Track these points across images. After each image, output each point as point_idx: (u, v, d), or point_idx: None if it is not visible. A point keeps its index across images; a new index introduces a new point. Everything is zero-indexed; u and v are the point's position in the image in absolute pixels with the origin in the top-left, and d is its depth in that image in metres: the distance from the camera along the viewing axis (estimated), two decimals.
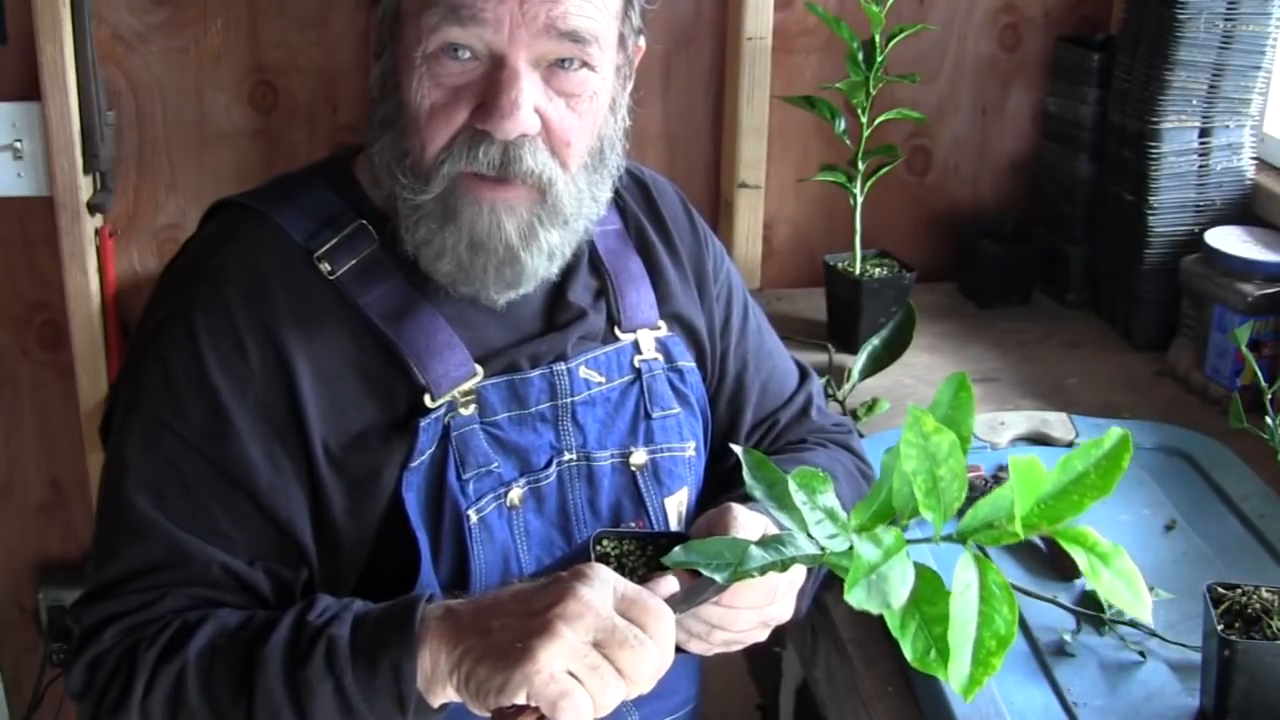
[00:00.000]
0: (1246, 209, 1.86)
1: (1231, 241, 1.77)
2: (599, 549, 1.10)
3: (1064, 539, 0.74)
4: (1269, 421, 1.19)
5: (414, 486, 1.11)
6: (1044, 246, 2.09)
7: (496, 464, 1.15)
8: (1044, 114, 2.12)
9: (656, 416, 1.24)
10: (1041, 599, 1.30)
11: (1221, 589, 1.16)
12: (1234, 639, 1.10)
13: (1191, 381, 1.79)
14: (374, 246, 1.15)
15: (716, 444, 1.32)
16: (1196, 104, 1.82)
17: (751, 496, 0.94)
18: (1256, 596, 1.15)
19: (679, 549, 0.91)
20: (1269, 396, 1.21)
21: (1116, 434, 0.73)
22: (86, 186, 1.87)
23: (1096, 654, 1.24)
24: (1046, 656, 1.23)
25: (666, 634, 0.97)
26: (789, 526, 0.85)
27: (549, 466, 1.18)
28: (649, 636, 0.95)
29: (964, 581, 0.72)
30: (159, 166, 1.96)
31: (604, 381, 1.22)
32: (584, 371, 1.20)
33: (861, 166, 1.88)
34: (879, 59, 1.82)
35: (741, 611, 1.08)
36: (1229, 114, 1.83)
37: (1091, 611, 1.27)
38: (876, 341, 1.82)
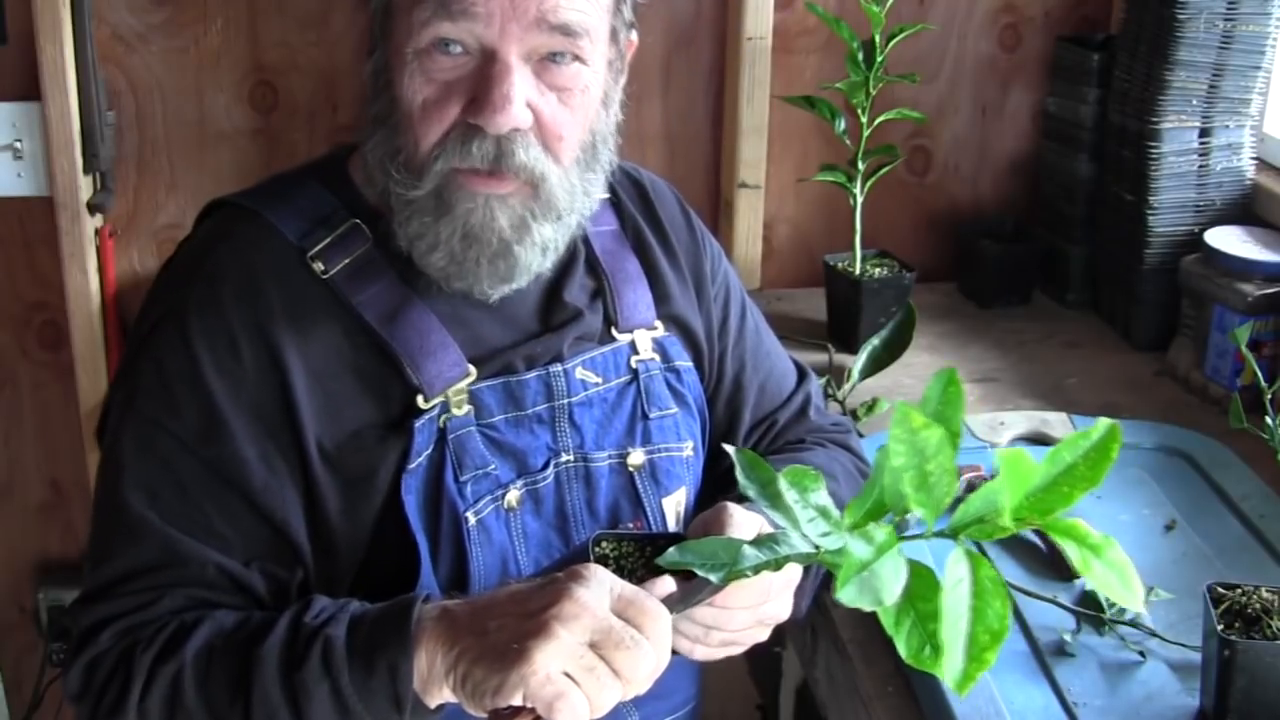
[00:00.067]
0: (1246, 209, 1.86)
1: (1231, 241, 1.77)
2: (598, 551, 1.10)
3: (1054, 531, 0.73)
4: (1269, 421, 1.19)
5: (412, 489, 1.11)
6: (1044, 246, 2.09)
7: (494, 466, 1.15)
8: (1044, 114, 2.12)
9: (654, 417, 1.24)
10: (1041, 599, 1.30)
11: (1221, 589, 1.16)
12: (1234, 639, 1.10)
13: (1191, 381, 1.79)
14: (367, 245, 1.15)
15: (715, 444, 1.31)
16: (1196, 104, 1.82)
17: (746, 496, 0.94)
18: (1256, 596, 1.15)
19: (673, 550, 0.90)
20: (1269, 396, 1.21)
21: (1105, 425, 0.72)
22: (86, 186, 1.87)
23: (1096, 654, 1.24)
24: (1046, 656, 1.23)
25: (663, 635, 0.97)
26: (783, 525, 0.85)
27: (546, 468, 1.18)
28: (645, 637, 0.95)
29: (956, 577, 0.71)
30: (159, 166, 1.96)
31: (601, 382, 1.21)
32: (580, 372, 1.20)
33: (861, 166, 1.88)
34: (879, 59, 1.82)
35: (736, 611, 1.08)
36: (1229, 114, 1.83)
37: (1091, 611, 1.27)
38: (876, 341, 1.82)
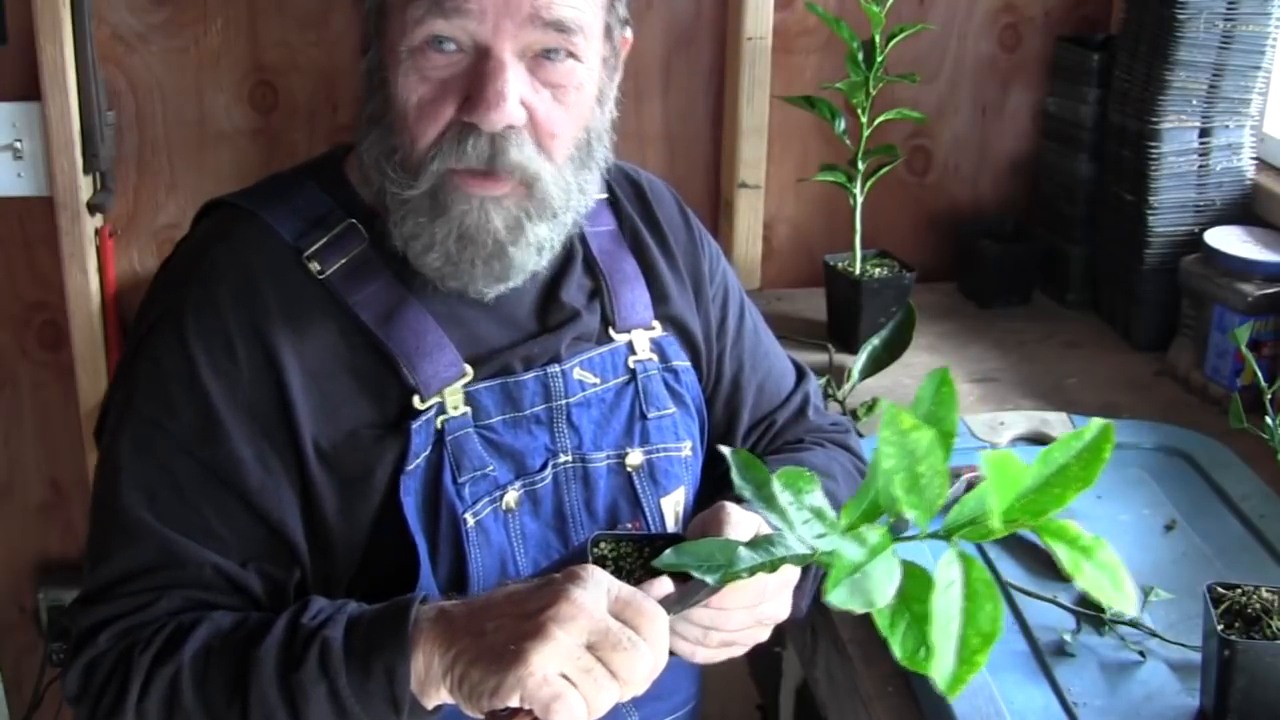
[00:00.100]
0: (1246, 209, 1.86)
1: (1231, 241, 1.77)
2: (596, 551, 1.09)
3: (1045, 533, 0.72)
4: (1269, 421, 1.19)
5: (411, 491, 1.11)
6: (1044, 246, 2.09)
7: (491, 467, 1.14)
8: (1044, 114, 2.12)
9: (652, 417, 1.23)
10: (1041, 599, 1.30)
11: (1221, 589, 1.16)
12: (1234, 639, 1.10)
13: (1191, 381, 1.79)
14: (363, 245, 1.14)
15: (713, 444, 1.31)
16: (1196, 104, 1.82)
17: (742, 497, 0.94)
18: (1256, 596, 1.15)
19: (669, 551, 0.90)
20: (1269, 396, 1.21)
21: (1098, 425, 0.72)
22: (86, 186, 1.87)
23: (1096, 654, 1.24)
24: (1046, 656, 1.23)
25: (660, 636, 0.96)
26: (780, 526, 0.84)
27: (544, 469, 1.17)
28: (642, 638, 0.95)
29: (947, 579, 0.70)
30: (159, 166, 1.96)
31: (599, 383, 1.21)
32: (578, 373, 1.20)
33: (861, 166, 1.88)
34: (879, 59, 1.82)
35: (733, 612, 1.08)
36: (1229, 114, 1.83)
37: (1091, 611, 1.27)
38: (876, 341, 1.82)
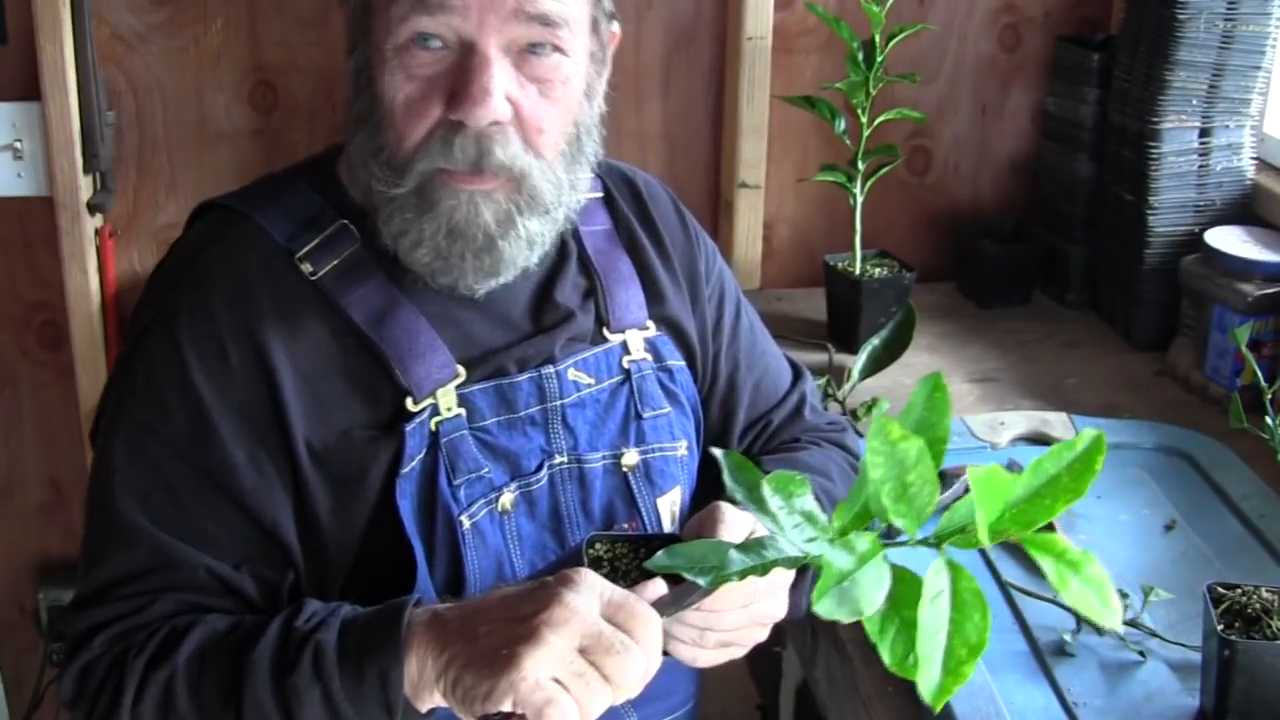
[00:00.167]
0: (1246, 209, 1.86)
1: (1231, 241, 1.77)
2: (591, 552, 1.09)
3: (1031, 547, 0.71)
4: (1269, 421, 1.19)
5: (407, 494, 1.11)
6: (1044, 246, 2.09)
7: (487, 469, 1.14)
8: (1044, 114, 2.12)
9: (647, 416, 1.23)
10: (1041, 599, 1.30)
11: (1221, 589, 1.16)
12: (1234, 639, 1.11)
13: (1191, 381, 1.79)
14: (355, 246, 1.14)
15: (709, 444, 1.31)
16: (1196, 104, 1.82)
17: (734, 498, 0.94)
18: (1256, 596, 1.15)
19: (661, 553, 0.90)
20: (1269, 396, 1.21)
21: (1090, 435, 0.71)
22: (86, 186, 1.87)
23: (1096, 654, 1.24)
24: (1046, 656, 1.24)
25: (653, 639, 0.96)
26: (773, 528, 0.84)
27: (540, 470, 1.17)
28: (636, 642, 0.94)
29: (935, 589, 0.69)
30: (159, 166, 1.96)
31: (593, 383, 1.21)
32: (573, 374, 1.20)
33: (861, 166, 1.88)
34: (879, 59, 1.82)
35: (725, 612, 1.08)
36: (1229, 114, 1.83)
37: None
38: (876, 341, 1.82)
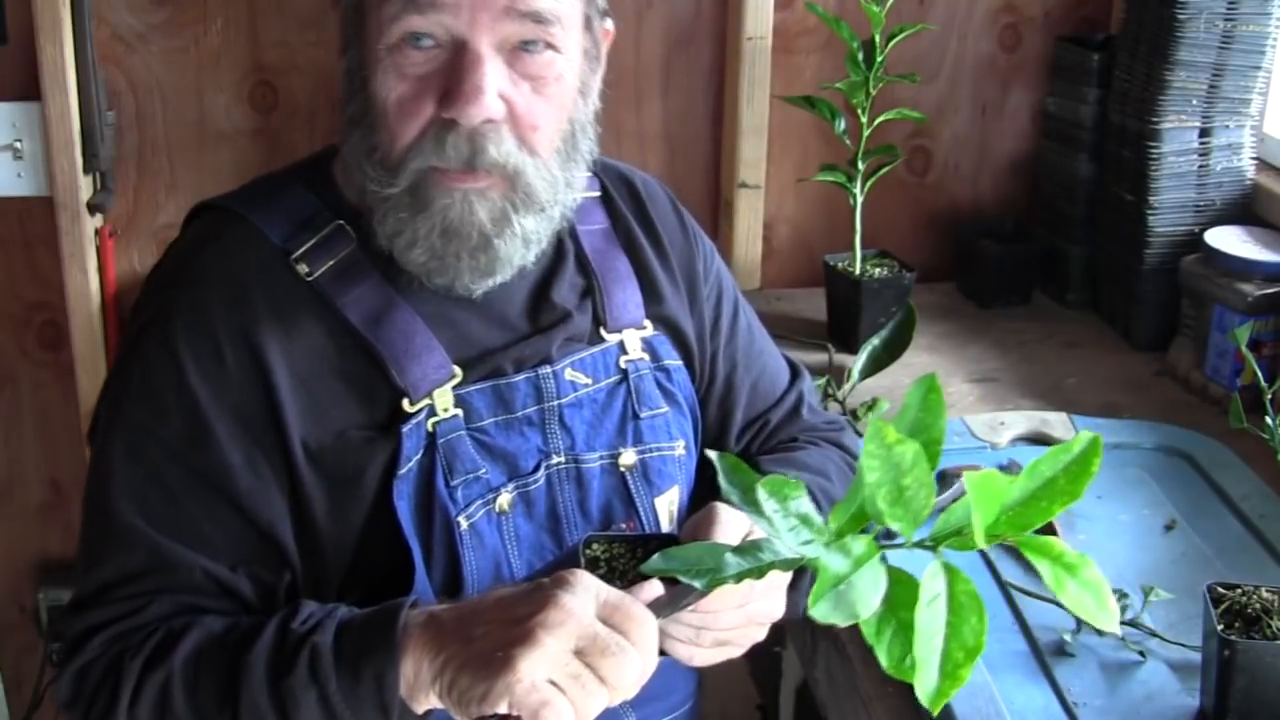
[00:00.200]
0: (1246, 209, 1.86)
1: (1231, 241, 1.77)
2: (589, 553, 1.09)
3: (1027, 549, 0.71)
4: (1269, 421, 1.19)
5: (404, 495, 1.11)
6: (1044, 246, 2.09)
7: (484, 470, 1.14)
8: (1044, 114, 2.12)
9: (644, 416, 1.23)
10: (1042, 599, 1.30)
11: (1221, 589, 1.16)
12: (1234, 639, 1.11)
13: (1191, 381, 1.79)
14: (352, 247, 1.14)
15: (707, 444, 1.31)
16: (1196, 104, 1.82)
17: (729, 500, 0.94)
18: (1256, 596, 1.15)
19: (657, 556, 0.90)
20: (1269, 396, 1.21)
21: (1086, 437, 0.70)
22: (86, 186, 1.87)
23: (1096, 654, 1.24)
24: (1046, 656, 1.24)
25: (649, 640, 0.96)
26: (769, 531, 0.84)
27: (537, 470, 1.17)
28: (631, 643, 0.94)
29: (931, 592, 0.68)
30: (159, 166, 1.96)
31: (590, 383, 1.21)
32: (570, 374, 1.19)
33: (861, 166, 1.88)
34: (879, 59, 1.82)
35: (721, 612, 1.08)
36: (1229, 114, 1.83)
37: None
38: (876, 341, 1.82)
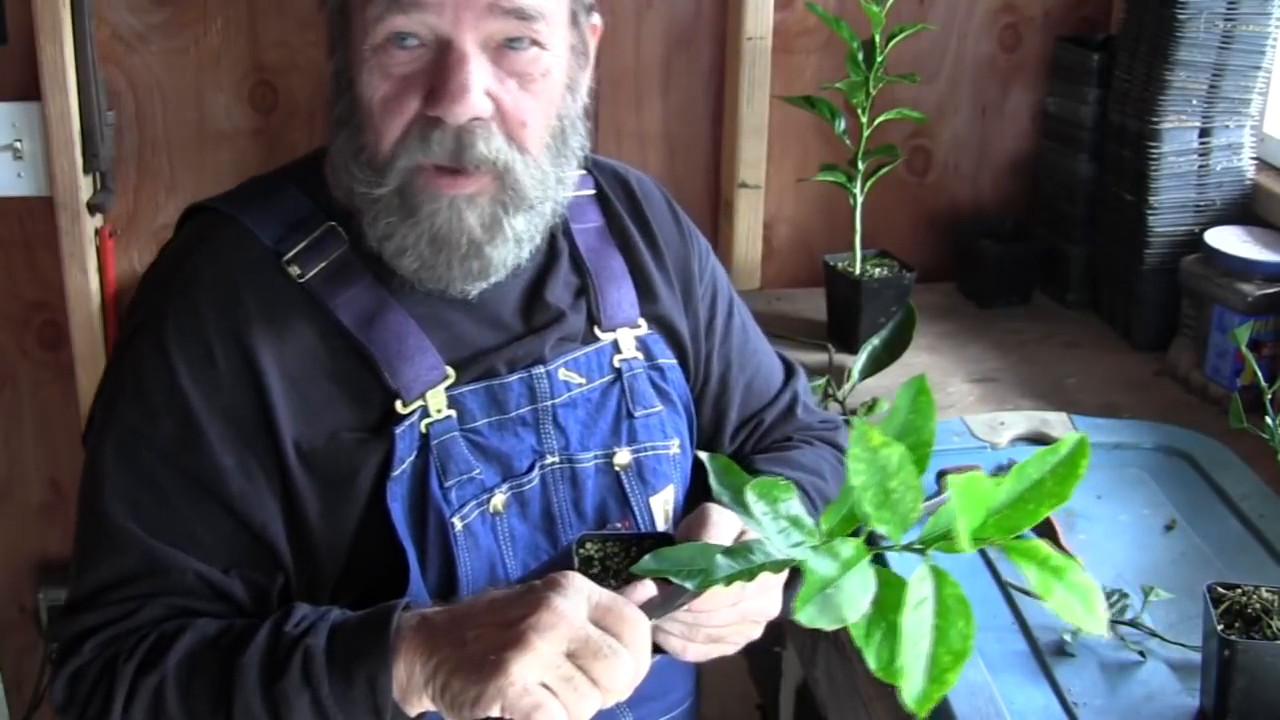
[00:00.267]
0: (1246, 209, 1.86)
1: (1231, 241, 1.77)
2: (582, 552, 1.08)
3: (1014, 553, 0.70)
4: (1269, 421, 1.19)
5: (398, 497, 1.10)
6: (1044, 246, 2.09)
7: (478, 470, 1.14)
8: (1044, 114, 2.12)
9: (639, 415, 1.22)
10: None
11: (1221, 589, 1.16)
12: (1234, 639, 1.11)
13: (1191, 381, 1.79)
14: (344, 248, 1.13)
15: (702, 443, 1.31)
16: (1196, 104, 1.82)
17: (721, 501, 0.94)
18: (1256, 596, 1.15)
19: (648, 557, 0.90)
20: (1269, 396, 1.21)
21: (1073, 439, 0.69)
22: (86, 186, 1.87)
23: (1096, 654, 1.24)
24: (1046, 656, 1.23)
25: (642, 642, 0.96)
26: (760, 533, 0.84)
27: (531, 470, 1.16)
28: (624, 645, 0.94)
29: (918, 596, 0.68)
30: (159, 166, 1.96)
31: (584, 383, 1.20)
32: (563, 373, 1.19)
33: (861, 166, 1.88)
34: (879, 59, 1.82)
35: (713, 611, 1.07)
36: (1229, 114, 1.83)
37: None
38: (876, 341, 1.82)
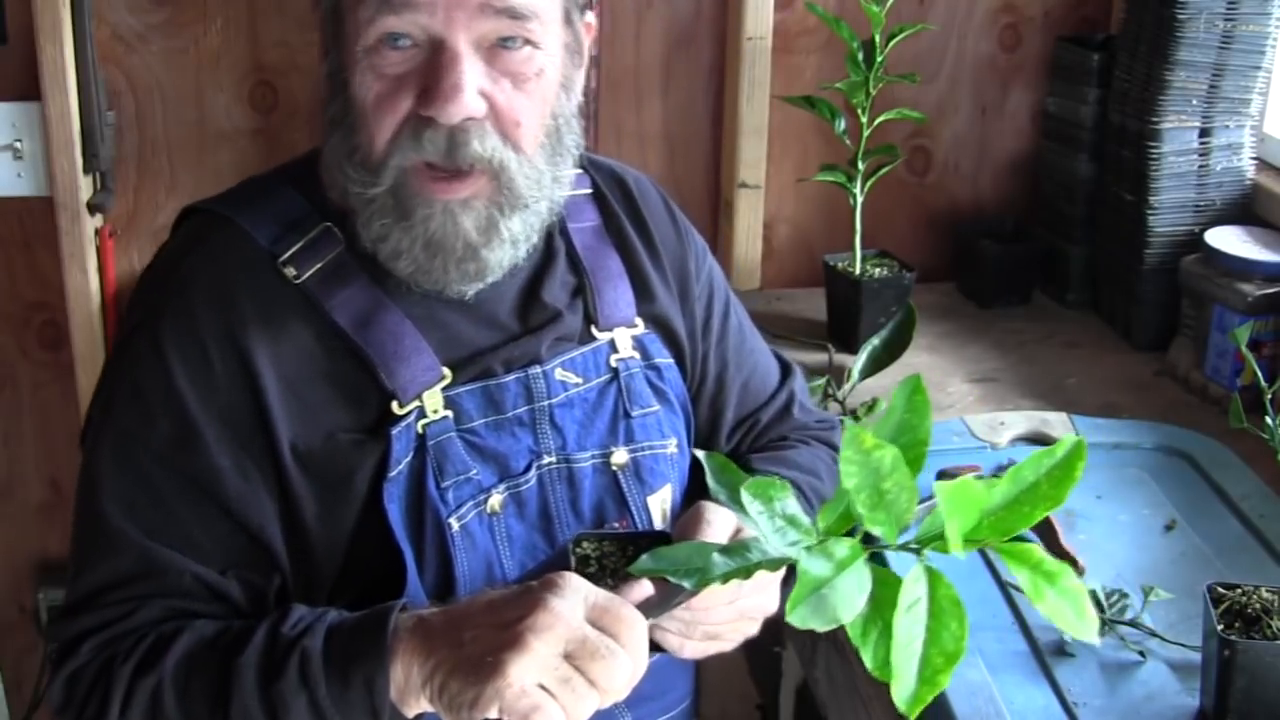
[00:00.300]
0: (1246, 209, 1.86)
1: (1231, 241, 1.77)
2: (579, 551, 1.08)
3: (1006, 556, 0.70)
4: (1269, 421, 1.19)
5: (395, 498, 1.10)
6: (1044, 246, 2.09)
7: (475, 471, 1.13)
8: (1044, 114, 2.12)
9: (636, 415, 1.22)
10: None
11: (1221, 589, 1.16)
12: (1234, 639, 1.11)
13: (1191, 381, 1.79)
14: (339, 249, 1.13)
15: (698, 443, 1.31)
16: (1196, 104, 1.82)
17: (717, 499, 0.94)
18: (1256, 596, 1.15)
19: (645, 557, 0.90)
20: (1269, 396, 1.21)
21: (1069, 441, 0.69)
22: (86, 186, 1.87)
23: (1096, 654, 1.24)
24: (1046, 656, 1.23)
25: (639, 642, 0.96)
26: (756, 531, 0.84)
27: (528, 471, 1.16)
28: (621, 645, 0.94)
29: (911, 597, 0.68)
30: (159, 166, 1.96)
31: (581, 382, 1.20)
32: (560, 373, 1.19)
33: (861, 166, 1.88)
34: (879, 59, 1.82)
35: (711, 609, 1.07)
36: (1229, 114, 1.83)
37: None
38: (876, 341, 1.82)
